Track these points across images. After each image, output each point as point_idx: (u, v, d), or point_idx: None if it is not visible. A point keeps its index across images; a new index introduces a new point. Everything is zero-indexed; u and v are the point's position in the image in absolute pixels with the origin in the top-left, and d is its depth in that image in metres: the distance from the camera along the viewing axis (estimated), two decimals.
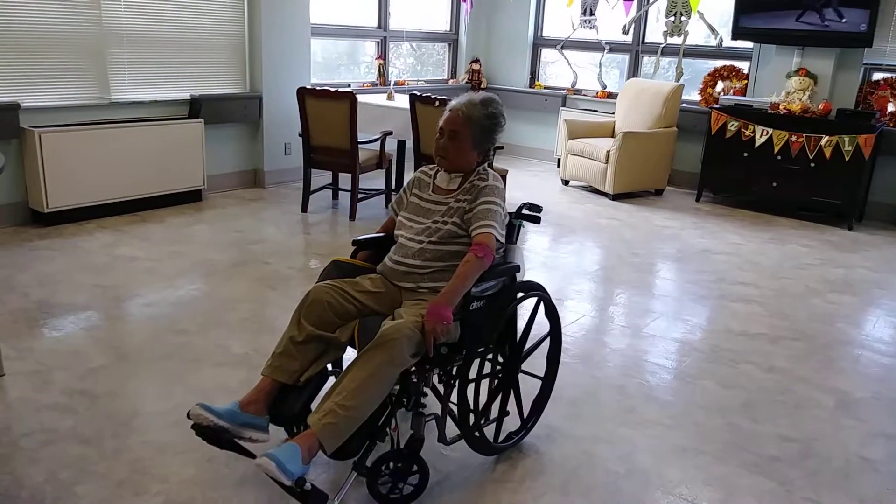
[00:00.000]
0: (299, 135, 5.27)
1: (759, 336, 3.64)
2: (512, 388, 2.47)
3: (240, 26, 5.68)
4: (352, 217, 5.28)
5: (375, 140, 5.31)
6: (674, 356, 3.37)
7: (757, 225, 5.84)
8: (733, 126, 6.11)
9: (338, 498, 2.04)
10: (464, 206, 2.31)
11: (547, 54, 8.10)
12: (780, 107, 6.00)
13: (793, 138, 5.85)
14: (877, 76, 6.10)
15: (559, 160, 7.08)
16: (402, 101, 5.67)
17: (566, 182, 6.91)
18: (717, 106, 6.32)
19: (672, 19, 6.77)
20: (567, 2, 7.43)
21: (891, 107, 5.97)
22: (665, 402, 2.92)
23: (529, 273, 2.54)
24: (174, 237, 4.62)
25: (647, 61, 7.34)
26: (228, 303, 3.65)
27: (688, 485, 2.38)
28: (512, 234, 2.47)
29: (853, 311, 4.07)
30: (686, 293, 4.21)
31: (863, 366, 3.38)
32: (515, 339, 2.44)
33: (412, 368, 2.12)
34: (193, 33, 5.38)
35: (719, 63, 6.80)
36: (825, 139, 5.70)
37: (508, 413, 2.50)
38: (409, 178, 2.54)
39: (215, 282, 3.92)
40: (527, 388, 2.59)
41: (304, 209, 5.41)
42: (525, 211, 2.47)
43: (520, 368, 2.48)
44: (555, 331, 2.57)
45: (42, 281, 3.77)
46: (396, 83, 7.17)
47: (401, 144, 5.87)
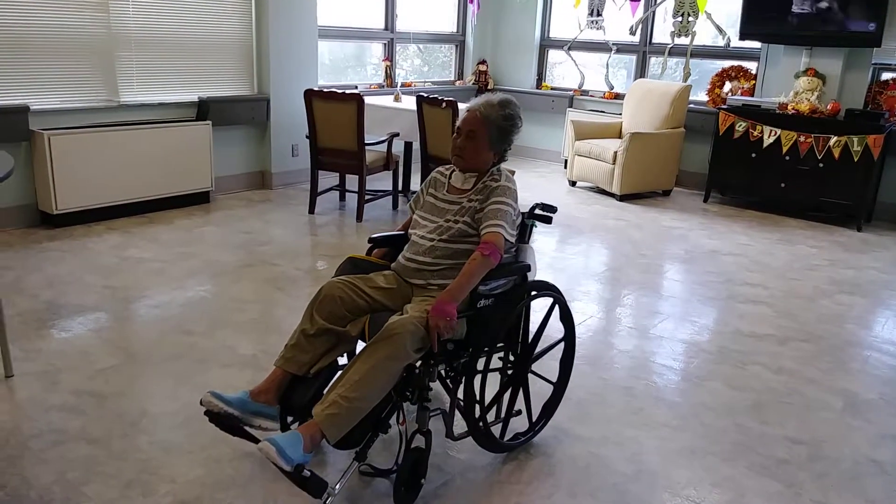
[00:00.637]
0: (306, 136, 5.28)
1: (768, 337, 3.62)
2: (521, 388, 2.48)
3: (247, 28, 5.70)
4: (359, 218, 5.29)
5: (382, 142, 5.32)
6: (681, 357, 3.36)
7: (765, 226, 5.82)
8: (741, 126, 6.09)
9: (338, 486, 2.05)
10: (475, 206, 2.33)
11: (554, 55, 8.09)
12: (789, 107, 5.98)
13: (801, 139, 5.82)
14: (886, 76, 6.06)
15: (566, 161, 7.08)
16: (409, 103, 5.68)
17: (573, 183, 6.90)
18: (725, 106, 6.29)
19: (679, 20, 6.75)
20: (574, 3, 7.42)
21: None
22: (673, 404, 2.91)
23: (537, 274, 2.55)
24: (182, 239, 4.64)
25: (655, 62, 7.33)
26: (236, 304, 3.66)
27: (696, 486, 2.37)
28: (524, 234, 2.48)
29: (862, 313, 4.04)
30: (694, 294, 4.19)
31: (872, 367, 3.36)
32: (527, 338, 2.45)
33: (417, 363, 2.13)
34: (201, 36, 5.40)
35: (727, 63, 6.78)
36: (834, 139, 5.68)
37: (520, 412, 2.51)
38: (427, 178, 2.56)
39: (223, 283, 3.93)
40: (538, 390, 2.59)
41: (312, 211, 5.42)
42: (538, 211, 2.48)
43: (530, 368, 2.48)
44: (569, 336, 2.58)
45: (51, 282, 3.79)
46: (403, 85, 7.18)
47: (408, 146, 5.88)
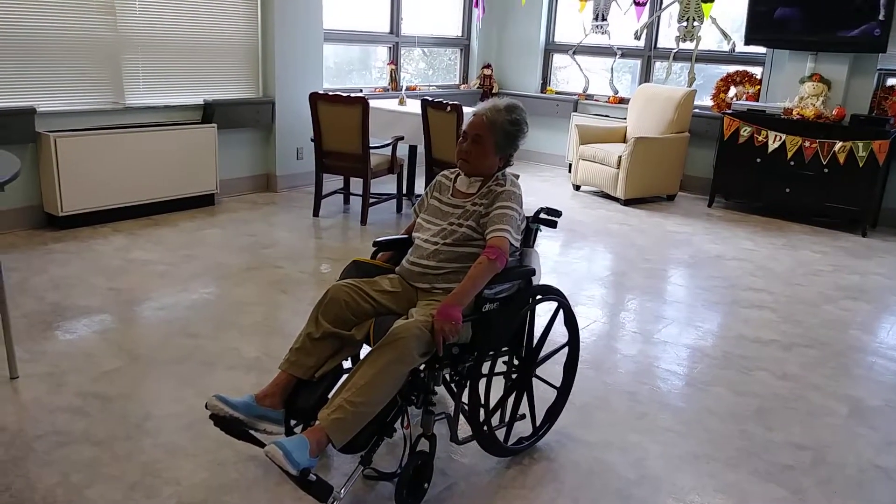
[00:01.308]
0: (311, 140, 5.29)
1: (772, 343, 3.62)
2: (525, 392, 2.48)
3: (253, 32, 5.72)
4: (363, 221, 5.30)
5: (387, 145, 5.33)
6: (685, 362, 3.36)
7: (770, 231, 5.81)
8: (746, 131, 6.09)
9: (343, 490, 2.05)
10: (480, 210, 2.33)
11: (558, 59, 8.10)
12: (794, 112, 5.97)
13: (806, 144, 5.81)
14: (891, 81, 6.06)
15: (570, 165, 7.07)
16: (414, 107, 5.69)
17: (577, 187, 6.89)
18: (730, 111, 6.29)
19: (684, 24, 6.75)
20: (579, 7, 7.43)
21: None
22: (677, 409, 2.90)
23: (541, 278, 2.55)
24: (187, 241, 4.65)
25: (659, 66, 7.33)
26: (241, 306, 3.67)
27: (699, 492, 2.37)
28: (529, 238, 2.48)
29: (867, 318, 4.03)
30: (698, 299, 4.19)
31: (877, 373, 3.35)
32: (531, 343, 2.45)
33: (422, 366, 2.13)
34: (207, 39, 5.42)
35: (732, 68, 6.78)
36: (839, 145, 5.67)
37: (524, 416, 2.51)
38: (432, 182, 2.56)
39: (228, 285, 3.94)
40: (542, 395, 2.59)
41: (316, 213, 5.43)
42: (543, 215, 2.48)
43: (534, 373, 2.48)
44: (573, 340, 2.58)
45: (56, 284, 3.80)
46: (408, 88, 7.19)
47: (412, 149, 5.89)
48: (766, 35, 6.14)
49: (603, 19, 7.39)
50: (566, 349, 2.60)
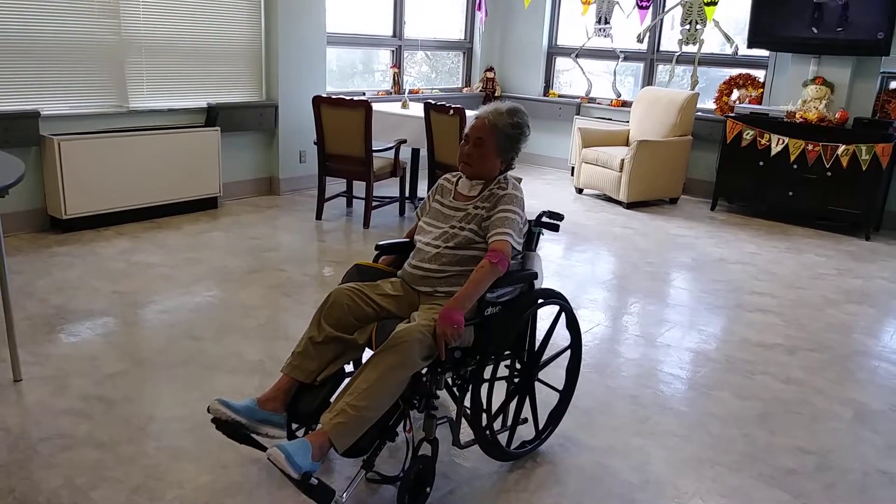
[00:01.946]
0: (314, 143, 5.30)
1: (776, 346, 3.61)
2: (528, 396, 2.48)
3: (256, 35, 5.74)
4: (366, 225, 5.30)
5: (390, 148, 5.33)
6: (689, 366, 3.35)
7: (773, 234, 5.80)
8: (749, 135, 6.08)
9: (346, 494, 2.05)
10: (482, 214, 2.33)
11: (561, 63, 8.11)
12: (797, 115, 5.97)
13: (809, 147, 5.81)
14: (894, 85, 6.05)
15: (573, 168, 7.07)
16: (417, 110, 5.70)
17: (580, 190, 6.89)
18: (733, 114, 6.29)
19: (687, 27, 6.76)
20: (582, 10, 7.43)
21: None
22: (680, 413, 2.90)
23: (544, 282, 2.55)
24: (190, 244, 4.66)
25: (662, 69, 7.33)
26: (244, 310, 3.67)
27: (703, 497, 2.36)
28: (531, 242, 2.48)
29: (871, 322, 4.02)
30: (701, 303, 4.18)
31: (880, 377, 3.34)
32: (533, 346, 2.45)
33: (424, 370, 2.13)
34: (211, 42, 5.44)
35: (735, 71, 6.78)
36: (842, 148, 5.66)
37: (526, 420, 2.51)
38: (434, 185, 2.57)
39: (231, 289, 3.95)
40: (544, 398, 2.59)
41: (319, 217, 5.44)
42: (545, 219, 2.48)
43: (537, 376, 2.48)
44: (575, 344, 2.58)
45: (60, 287, 3.81)
46: (411, 91, 7.20)
47: (415, 153, 5.89)
48: (769, 38, 6.14)
49: (606, 22, 7.40)
50: (568, 353, 2.60)
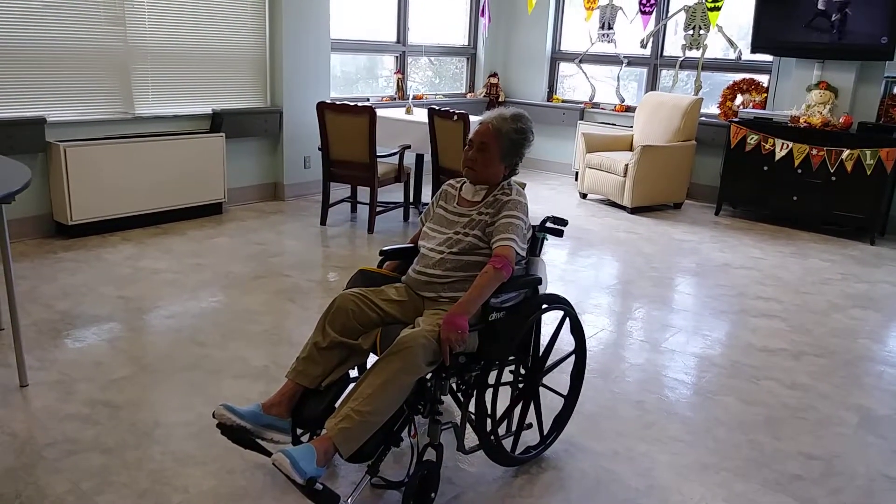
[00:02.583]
0: (319, 148, 5.32)
1: (781, 352, 3.60)
2: (532, 401, 2.48)
3: (261, 42, 5.76)
4: (370, 230, 5.31)
5: (394, 154, 5.35)
6: (693, 371, 3.35)
7: (777, 239, 5.80)
8: (753, 139, 6.08)
9: (351, 499, 2.05)
10: (486, 220, 2.34)
11: (565, 68, 8.12)
12: (801, 120, 5.97)
13: (813, 152, 5.80)
14: None
15: (577, 173, 7.08)
16: (421, 116, 5.71)
17: (584, 195, 6.90)
18: (737, 119, 6.29)
19: (691, 32, 6.76)
20: (585, 16, 7.45)
21: None
22: (685, 418, 2.89)
23: (548, 287, 2.57)
24: (195, 249, 4.68)
25: (666, 74, 7.33)
26: (248, 315, 3.68)
27: (708, 502, 2.35)
28: (535, 247, 2.48)
29: (876, 327, 4.01)
30: (706, 308, 4.18)
31: (886, 382, 3.33)
32: (538, 351, 2.45)
33: (428, 376, 2.13)
34: (216, 49, 5.46)
35: (738, 76, 6.78)
36: (846, 153, 5.66)
37: (531, 426, 2.51)
38: (437, 191, 2.57)
39: (236, 294, 3.96)
40: (549, 404, 2.59)
41: (323, 222, 5.45)
42: (549, 224, 2.49)
43: (541, 381, 2.48)
44: (580, 349, 2.58)
45: (66, 292, 3.82)
46: (415, 97, 7.22)
47: (419, 158, 5.90)
48: (773, 43, 6.14)
49: (609, 28, 7.41)
50: (573, 358, 2.60)
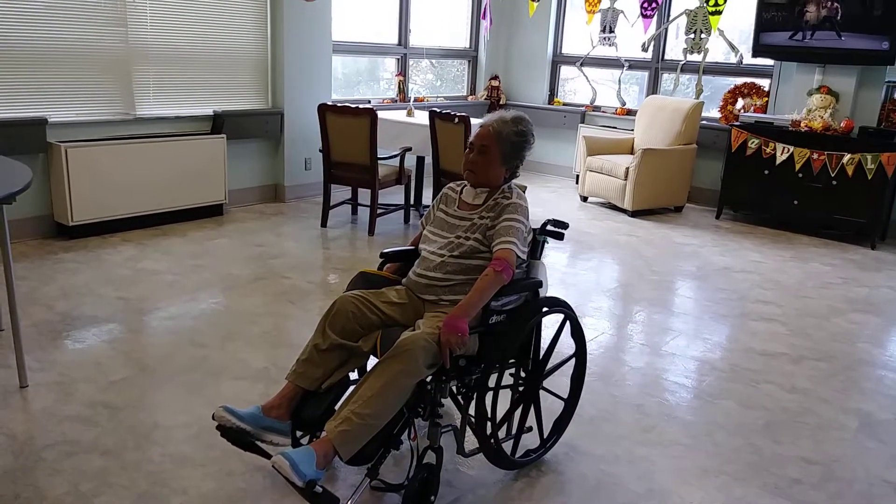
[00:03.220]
0: (320, 150, 5.32)
1: (781, 356, 3.60)
2: (532, 404, 2.48)
3: (263, 44, 5.77)
4: (371, 232, 5.31)
5: (395, 156, 5.35)
6: (694, 375, 3.34)
7: (778, 243, 5.79)
8: (754, 143, 6.08)
9: (350, 502, 2.05)
10: (486, 223, 2.34)
11: (566, 71, 8.12)
12: (802, 124, 5.97)
13: (814, 156, 5.80)
14: None
15: (578, 176, 7.08)
16: (422, 118, 5.71)
17: (585, 198, 6.90)
18: (738, 123, 6.29)
19: (692, 36, 6.77)
20: (586, 19, 7.45)
21: None
22: (685, 422, 2.89)
23: (548, 290, 2.57)
24: (196, 251, 4.68)
25: (667, 78, 7.34)
26: (248, 317, 3.68)
27: None
28: (536, 250, 2.48)
29: (876, 332, 4.01)
30: (706, 311, 4.18)
31: (886, 387, 3.32)
32: (538, 355, 2.45)
33: (428, 378, 2.13)
34: (217, 50, 5.47)
35: (739, 80, 6.78)
36: (847, 157, 5.66)
37: (531, 429, 2.51)
38: (438, 194, 2.57)
39: (236, 296, 3.96)
40: (549, 407, 2.58)
41: (324, 224, 5.45)
42: (550, 227, 2.49)
43: (541, 385, 2.48)
44: (580, 352, 2.58)
45: (66, 293, 3.82)
46: (416, 100, 7.22)
47: (420, 160, 5.91)
48: (774, 47, 6.15)
49: (610, 31, 7.42)
50: (573, 361, 2.60)
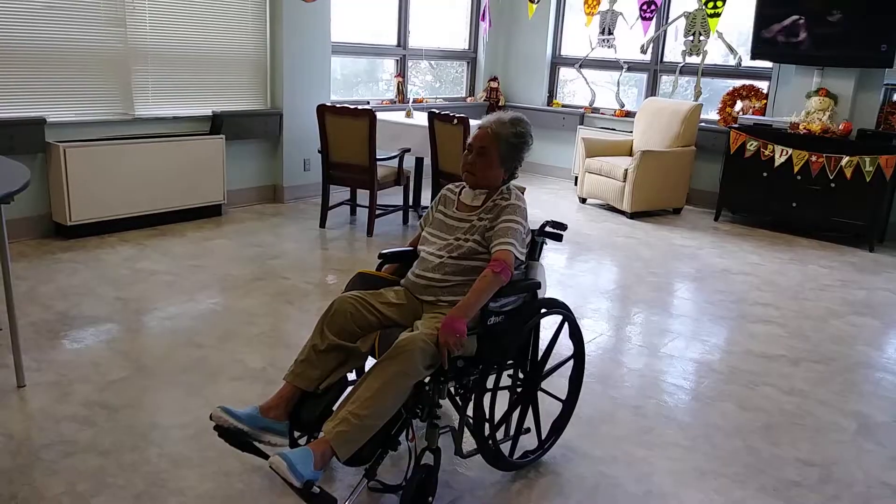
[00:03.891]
0: (318, 151, 5.32)
1: (779, 358, 3.60)
2: (531, 405, 2.48)
3: (262, 44, 5.77)
4: (369, 233, 5.31)
5: (394, 157, 5.35)
6: (692, 377, 3.34)
7: (776, 245, 5.80)
8: (752, 145, 6.09)
9: (348, 502, 2.05)
10: (485, 225, 2.34)
11: (565, 73, 8.13)
12: (800, 127, 5.97)
13: (813, 158, 5.81)
14: None
15: (576, 178, 7.08)
16: (421, 119, 5.72)
17: (583, 200, 6.90)
18: (736, 125, 6.30)
19: (691, 38, 6.77)
20: (585, 21, 7.46)
21: None
22: (683, 424, 2.89)
23: (547, 291, 2.57)
24: (194, 251, 4.67)
25: (666, 80, 7.34)
26: (247, 317, 3.67)
27: None
28: (534, 252, 2.48)
29: (874, 334, 4.01)
30: (704, 313, 4.18)
31: (884, 389, 3.33)
32: (536, 356, 2.45)
33: (426, 379, 2.13)
34: (216, 51, 5.47)
35: (738, 82, 6.79)
36: (846, 159, 5.66)
37: (529, 430, 2.51)
38: (436, 196, 2.57)
39: (234, 296, 3.95)
40: (547, 408, 2.58)
41: (323, 225, 5.45)
42: (548, 228, 2.49)
43: (539, 386, 2.48)
44: (578, 354, 2.58)
45: (64, 293, 3.82)
46: (415, 101, 7.22)
47: (419, 162, 5.90)
48: (773, 49, 6.15)
49: (609, 33, 7.42)
50: (571, 363, 2.60)
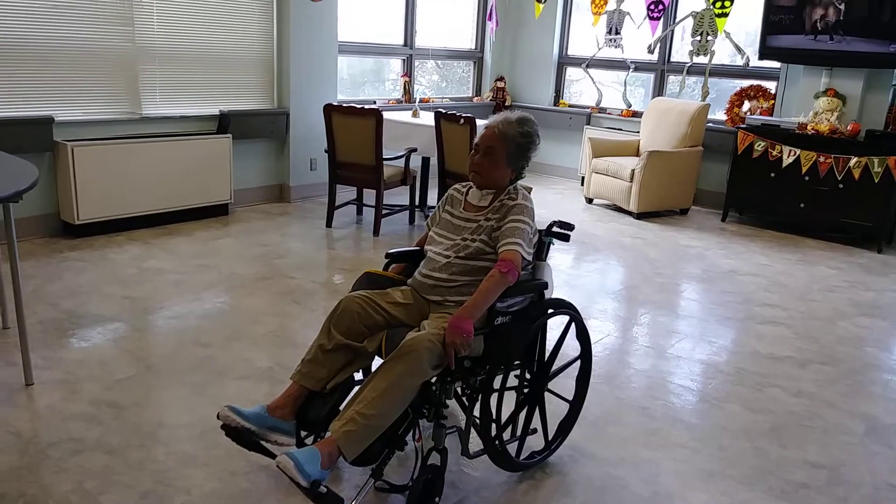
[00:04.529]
0: (325, 151, 5.32)
1: (787, 359, 3.59)
2: (537, 406, 2.47)
3: (269, 44, 5.77)
4: (376, 233, 5.31)
5: (400, 157, 5.35)
6: (699, 378, 3.33)
7: (784, 246, 5.78)
8: (760, 146, 6.07)
9: (355, 502, 2.05)
10: (492, 225, 2.34)
11: (572, 72, 8.12)
12: (808, 127, 5.95)
13: (821, 159, 5.79)
14: None
15: (583, 178, 7.07)
16: (427, 119, 5.71)
17: (590, 200, 6.89)
18: (744, 126, 6.27)
19: (698, 38, 6.75)
20: (592, 21, 7.45)
21: None
22: (690, 425, 2.88)
23: (554, 292, 2.57)
24: (201, 250, 4.68)
25: (673, 80, 7.33)
26: (253, 316, 3.68)
27: None
28: (541, 252, 2.48)
29: (883, 336, 3.99)
30: (711, 314, 4.16)
31: (893, 391, 3.31)
32: (543, 356, 2.44)
33: (433, 379, 2.13)
34: (223, 50, 5.48)
35: (746, 82, 6.77)
36: (854, 160, 5.64)
37: (536, 431, 2.50)
38: (443, 196, 2.57)
39: (241, 295, 3.96)
40: (554, 409, 2.58)
41: (329, 224, 5.45)
42: (555, 228, 2.48)
43: (546, 386, 2.48)
44: (585, 354, 2.57)
45: (72, 291, 3.83)
46: (421, 100, 7.22)
47: (425, 161, 5.91)
48: (781, 49, 6.13)
49: (616, 33, 7.41)
50: (578, 363, 2.59)
